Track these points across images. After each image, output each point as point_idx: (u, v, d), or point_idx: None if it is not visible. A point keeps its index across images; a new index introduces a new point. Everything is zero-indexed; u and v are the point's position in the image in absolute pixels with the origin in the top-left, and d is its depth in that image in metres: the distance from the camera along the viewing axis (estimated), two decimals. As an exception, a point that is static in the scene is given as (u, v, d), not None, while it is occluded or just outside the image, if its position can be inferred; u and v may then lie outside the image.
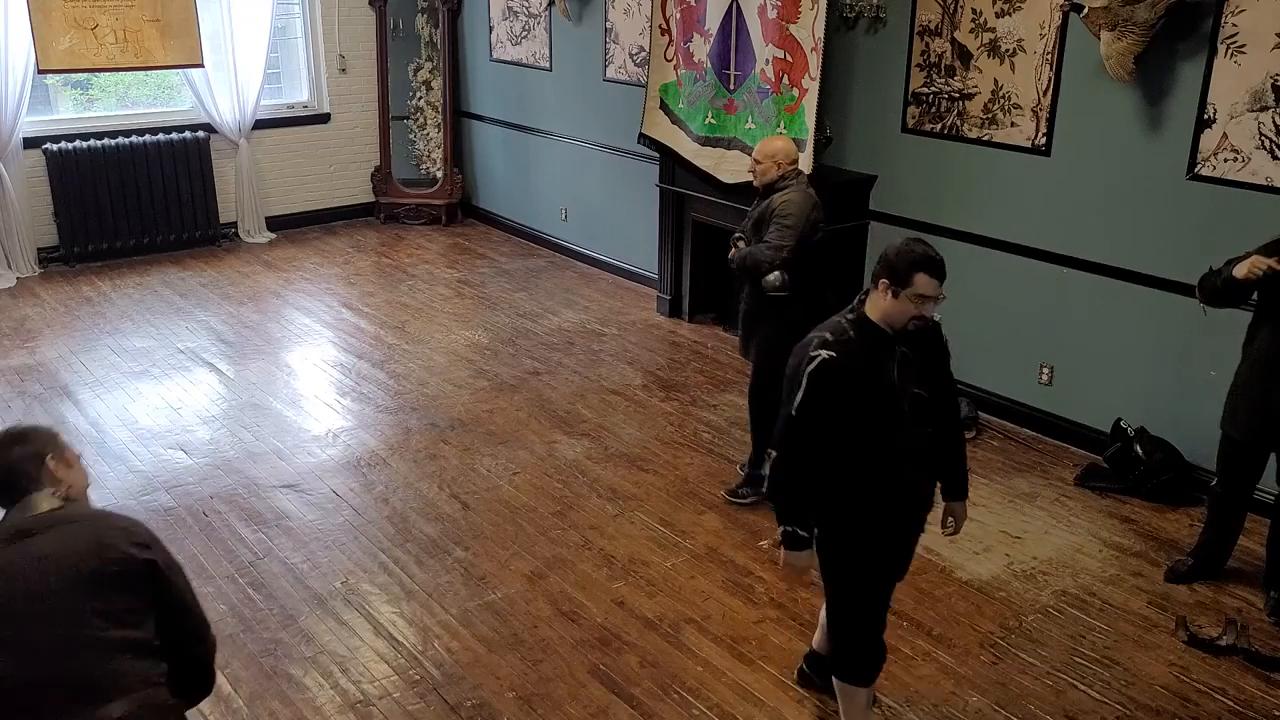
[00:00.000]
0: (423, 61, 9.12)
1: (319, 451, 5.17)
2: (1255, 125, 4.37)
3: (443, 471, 4.99)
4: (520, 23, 8.24)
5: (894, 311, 2.84)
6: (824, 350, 2.83)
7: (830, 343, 2.85)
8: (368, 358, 6.32)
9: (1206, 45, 4.46)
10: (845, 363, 2.82)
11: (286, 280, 7.73)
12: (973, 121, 5.38)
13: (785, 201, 4.37)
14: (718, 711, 3.47)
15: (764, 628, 3.88)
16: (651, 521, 4.59)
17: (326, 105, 8.93)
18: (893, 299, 2.83)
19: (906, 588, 4.11)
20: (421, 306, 7.21)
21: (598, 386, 5.96)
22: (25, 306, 7.07)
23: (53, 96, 7.95)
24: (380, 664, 3.67)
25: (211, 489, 4.78)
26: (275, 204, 8.81)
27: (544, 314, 7.11)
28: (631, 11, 7.20)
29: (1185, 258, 4.66)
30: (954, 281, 5.60)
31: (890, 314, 2.85)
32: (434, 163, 9.29)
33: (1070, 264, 5.11)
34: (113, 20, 7.49)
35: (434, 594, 4.06)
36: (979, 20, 5.24)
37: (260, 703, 3.47)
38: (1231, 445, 3.97)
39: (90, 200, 7.80)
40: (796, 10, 5.68)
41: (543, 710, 3.46)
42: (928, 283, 2.81)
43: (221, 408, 5.64)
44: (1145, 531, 4.56)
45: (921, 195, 5.71)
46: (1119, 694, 3.57)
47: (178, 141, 8.12)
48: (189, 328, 6.70)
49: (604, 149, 7.73)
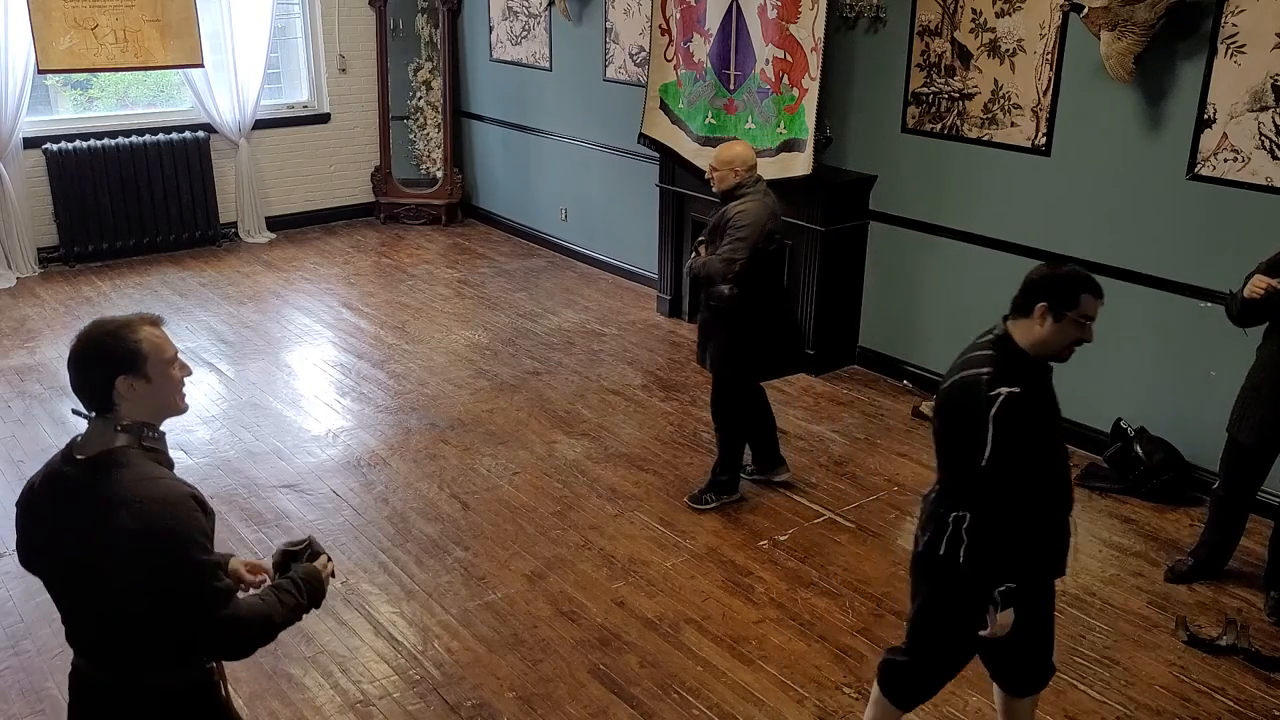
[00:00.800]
0: (423, 61, 9.12)
1: (319, 451, 5.17)
2: (1255, 125, 4.37)
3: (443, 471, 4.99)
4: (520, 23, 8.24)
5: (1053, 338, 2.63)
6: (1003, 386, 2.56)
7: (1000, 376, 2.58)
8: (368, 358, 6.32)
9: (1206, 45, 4.46)
10: (1025, 396, 2.57)
11: (286, 280, 7.73)
12: (973, 121, 5.38)
13: (740, 212, 4.30)
14: (718, 711, 3.47)
15: (764, 628, 3.88)
16: (651, 521, 4.59)
17: (326, 105, 8.93)
18: (1054, 324, 2.62)
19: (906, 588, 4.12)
20: (421, 306, 7.21)
21: (598, 386, 5.96)
22: (25, 306, 7.07)
23: (53, 96, 7.95)
24: (380, 664, 3.67)
25: (211, 489, 4.78)
26: (275, 204, 8.81)
27: (544, 314, 7.11)
28: (631, 11, 7.20)
29: (1185, 258, 4.66)
30: (954, 281, 5.65)
31: (1049, 341, 2.64)
32: (434, 163, 9.29)
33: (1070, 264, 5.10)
34: (113, 20, 7.49)
35: (434, 594, 4.06)
36: (979, 20, 5.24)
37: (260, 703, 3.47)
38: (1239, 450, 3.95)
39: (90, 200, 7.80)
40: (796, 10, 5.68)
41: (543, 710, 3.46)
42: (1093, 304, 2.65)
43: (221, 408, 5.64)
44: (1145, 531, 4.56)
45: (922, 195, 5.71)
46: (1119, 694, 3.57)
47: (177, 141, 8.12)
48: (189, 328, 6.70)
49: (604, 149, 7.73)
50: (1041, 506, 2.68)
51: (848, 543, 4.45)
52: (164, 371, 2.09)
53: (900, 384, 6.01)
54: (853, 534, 4.52)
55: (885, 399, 5.85)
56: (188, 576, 2.00)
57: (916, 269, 5.84)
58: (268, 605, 2.15)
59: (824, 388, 5.99)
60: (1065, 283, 2.65)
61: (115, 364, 2.04)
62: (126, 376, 2.04)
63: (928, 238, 5.74)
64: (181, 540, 1.99)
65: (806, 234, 5.95)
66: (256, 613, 2.11)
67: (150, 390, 2.07)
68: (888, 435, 5.42)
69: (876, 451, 5.25)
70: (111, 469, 2.02)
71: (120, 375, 2.03)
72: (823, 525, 4.58)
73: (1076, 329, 2.64)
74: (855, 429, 5.49)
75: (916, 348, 5.96)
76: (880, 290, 6.08)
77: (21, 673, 3.58)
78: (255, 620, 2.10)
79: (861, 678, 3.62)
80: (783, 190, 5.92)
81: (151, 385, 2.07)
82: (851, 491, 4.86)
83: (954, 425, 2.68)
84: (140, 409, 2.08)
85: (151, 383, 2.07)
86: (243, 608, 2.09)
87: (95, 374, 2.04)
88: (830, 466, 5.09)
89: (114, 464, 2.03)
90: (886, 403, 5.80)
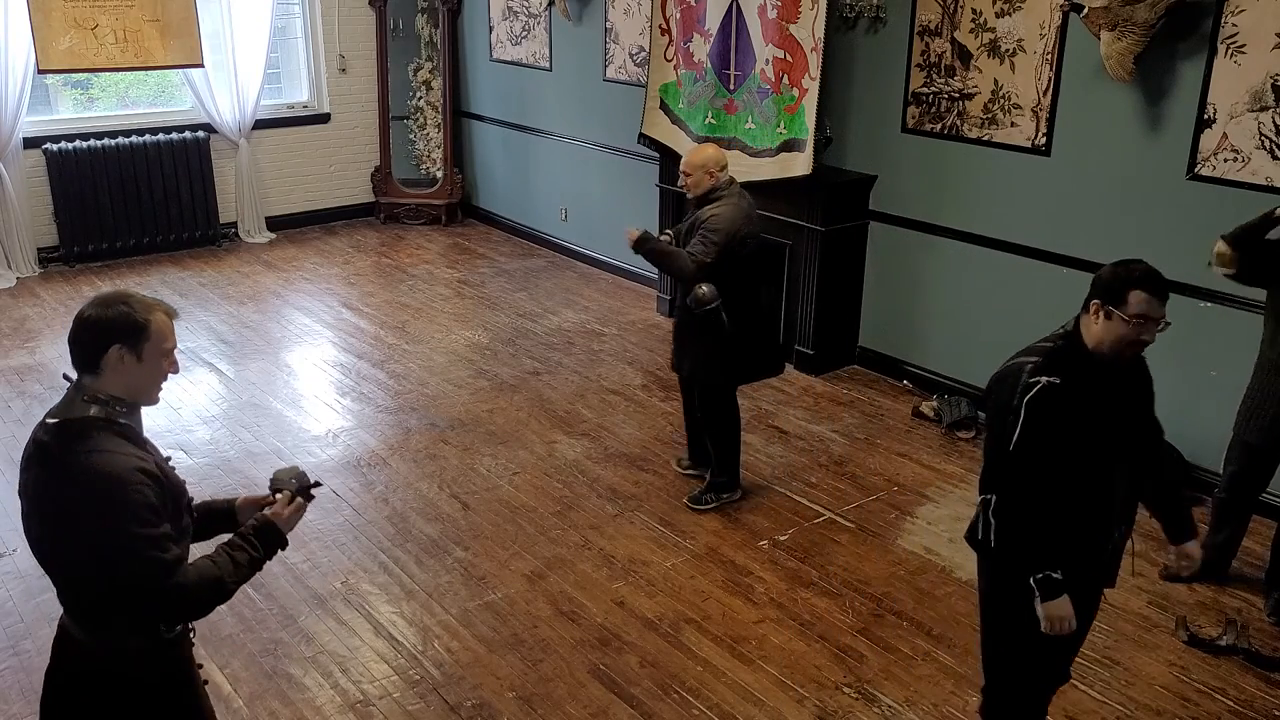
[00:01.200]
0: (423, 61, 9.12)
1: (319, 451, 5.17)
2: (1255, 125, 4.37)
3: (443, 471, 4.99)
4: (520, 23, 8.24)
5: (1107, 336, 2.55)
6: (1043, 375, 2.53)
7: (1045, 366, 2.55)
8: (368, 358, 6.32)
9: (1206, 45, 4.46)
10: (1067, 389, 2.52)
11: (286, 280, 7.73)
12: (973, 121, 5.38)
13: (713, 215, 4.28)
14: (717, 711, 3.47)
15: (764, 628, 3.88)
16: (651, 521, 4.59)
17: (326, 105, 8.93)
18: (1105, 321, 2.54)
19: (906, 587, 4.13)
20: (421, 306, 7.21)
21: (598, 386, 5.96)
22: (25, 306, 7.07)
23: (53, 96, 7.95)
24: (380, 664, 3.67)
25: (211, 489, 4.77)
26: (275, 204, 8.81)
27: (544, 314, 7.11)
28: (631, 11, 7.20)
29: (1185, 258, 4.66)
30: (954, 281, 5.65)
31: (1103, 339, 2.56)
32: (434, 163, 9.29)
33: (1070, 264, 5.11)
34: (113, 20, 7.49)
35: (434, 594, 4.06)
36: (979, 20, 5.24)
37: (260, 703, 3.47)
38: (1247, 451, 3.94)
39: (90, 200, 7.80)
40: (796, 10, 5.68)
41: (543, 710, 3.46)
42: (1146, 301, 2.50)
43: (221, 408, 5.64)
44: (1145, 531, 4.55)
45: (921, 195, 5.71)
46: (1119, 694, 3.57)
47: (177, 141, 8.12)
48: (189, 328, 6.70)
49: (604, 149, 7.73)
50: (1072, 505, 2.60)
51: (848, 543, 4.45)
52: (156, 358, 2.16)
53: (900, 384, 6.01)
54: (853, 534, 4.52)
55: (885, 399, 5.85)
56: (125, 549, 2.05)
57: (916, 269, 5.84)
58: (219, 567, 2.19)
59: (824, 388, 5.99)
60: (1115, 278, 2.55)
61: (117, 331, 2.11)
62: (121, 346, 2.11)
63: (928, 238, 5.74)
64: (118, 515, 2.04)
65: (806, 234, 5.95)
66: (207, 577, 2.15)
67: (138, 369, 2.14)
68: (888, 435, 5.42)
69: (876, 451, 5.25)
70: (70, 439, 2.09)
71: (117, 343, 2.11)
72: (823, 525, 4.58)
73: (1127, 327, 2.52)
74: (855, 429, 5.49)
75: (916, 348, 5.96)
76: (880, 290, 6.08)
77: (21, 673, 3.58)
78: (204, 585, 2.14)
79: (861, 678, 3.62)
80: (783, 190, 5.95)
81: (141, 365, 2.14)
82: (851, 491, 4.86)
83: (992, 407, 2.68)
84: (120, 383, 2.14)
85: (142, 362, 2.14)
86: (191, 574, 2.13)
87: (97, 334, 2.11)
88: (830, 466, 5.09)
89: (73, 434, 2.09)
90: (886, 403, 5.80)
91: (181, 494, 2.24)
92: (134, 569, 2.06)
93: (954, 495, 4.82)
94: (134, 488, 2.06)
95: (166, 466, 2.22)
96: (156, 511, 2.09)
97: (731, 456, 4.68)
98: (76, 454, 2.06)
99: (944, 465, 5.11)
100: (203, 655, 3.61)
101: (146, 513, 2.07)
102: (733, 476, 4.71)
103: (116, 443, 2.10)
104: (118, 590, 2.09)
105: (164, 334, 2.17)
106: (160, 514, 2.10)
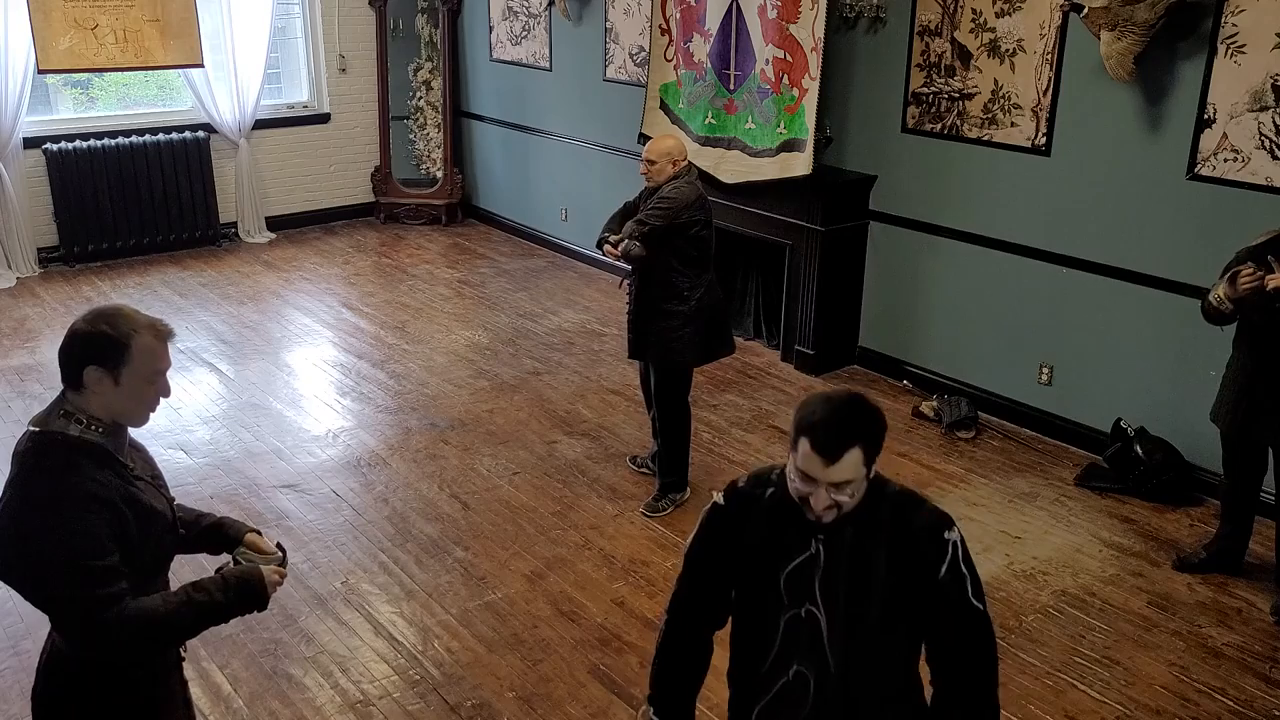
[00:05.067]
0: (423, 61, 9.12)
1: (319, 451, 5.17)
2: (1255, 125, 4.37)
3: (443, 471, 4.99)
4: (520, 23, 8.25)
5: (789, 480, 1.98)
6: (720, 494, 2.12)
7: (736, 490, 2.11)
8: (368, 358, 6.33)
9: (1206, 45, 4.46)
10: (736, 522, 2.07)
11: (286, 280, 7.73)
12: (973, 121, 5.38)
13: (673, 189, 4.40)
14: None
15: (764, 628, 3.88)
16: (651, 521, 4.59)
17: (326, 105, 8.93)
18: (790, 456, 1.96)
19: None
20: (421, 306, 7.22)
21: (598, 386, 5.96)
22: (25, 306, 7.07)
23: (53, 96, 7.95)
24: (380, 664, 3.67)
25: (211, 489, 4.78)
26: (275, 204, 8.81)
27: (544, 314, 7.11)
28: (631, 11, 7.20)
29: (1185, 258, 4.66)
30: (954, 281, 5.65)
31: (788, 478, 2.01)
32: (434, 163, 9.29)
33: (1070, 264, 5.11)
34: (113, 20, 7.49)
35: (434, 594, 4.06)
36: (979, 20, 5.24)
37: (260, 703, 3.47)
38: (1223, 440, 4.09)
39: (90, 200, 7.80)
40: (796, 10, 5.69)
41: (543, 710, 3.46)
42: (809, 458, 1.92)
43: (221, 408, 5.64)
44: (1145, 531, 4.56)
45: (921, 195, 5.71)
46: (1119, 694, 3.57)
47: (178, 141, 8.12)
48: (189, 328, 6.70)
49: (604, 149, 7.73)
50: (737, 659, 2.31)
51: (848, 543, 4.44)
52: (137, 382, 2.05)
53: (900, 384, 6.01)
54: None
55: (885, 399, 5.84)
56: (54, 578, 1.95)
57: (916, 269, 5.84)
58: (166, 606, 2.06)
59: (824, 388, 5.99)
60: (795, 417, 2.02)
61: (93, 351, 2.01)
62: (98, 369, 2.01)
63: (928, 238, 5.74)
64: (56, 541, 1.93)
65: (806, 234, 5.95)
66: (148, 617, 2.01)
67: (115, 393, 2.03)
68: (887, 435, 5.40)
69: (876, 451, 5.24)
70: (32, 454, 2.00)
71: (93, 365, 2.01)
72: (823, 525, 4.57)
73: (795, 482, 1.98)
74: (855, 429, 5.48)
75: (916, 348, 5.96)
76: (880, 290, 6.08)
77: (21, 673, 3.58)
78: (141, 625, 2.01)
79: (861, 678, 3.62)
80: (783, 190, 5.96)
81: (118, 389, 2.03)
82: (851, 491, 4.85)
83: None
84: (99, 404, 2.04)
85: (119, 386, 2.03)
86: (131, 610, 1.99)
87: (75, 352, 2.02)
88: (830, 466, 5.08)
89: (36, 449, 2.00)
90: (886, 403, 5.79)
91: (155, 520, 2.12)
92: (60, 598, 1.97)
93: (954, 495, 4.82)
94: (79, 516, 1.94)
95: (144, 492, 2.10)
96: (100, 543, 1.96)
97: (681, 452, 4.69)
98: (26, 471, 1.98)
99: (944, 465, 5.11)
100: (203, 655, 3.62)
101: (85, 542, 1.94)
102: (681, 476, 4.71)
103: (81, 465, 1.99)
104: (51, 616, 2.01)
105: (149, 357, 2.03)
106: (104, 546, 1.97)
